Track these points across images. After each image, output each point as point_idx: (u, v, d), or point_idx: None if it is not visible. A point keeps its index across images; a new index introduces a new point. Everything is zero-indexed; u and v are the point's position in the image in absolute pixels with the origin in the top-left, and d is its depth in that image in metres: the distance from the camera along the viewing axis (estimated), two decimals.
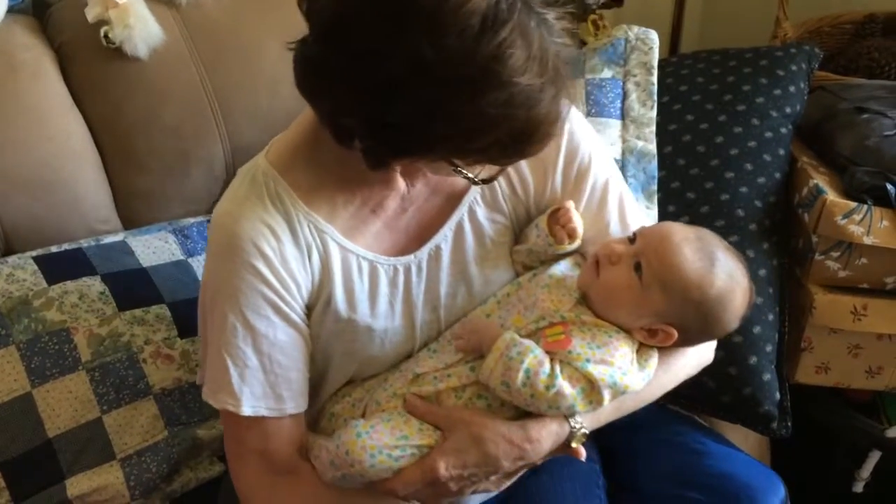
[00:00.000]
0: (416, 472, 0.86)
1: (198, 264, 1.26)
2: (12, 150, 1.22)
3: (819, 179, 1.37)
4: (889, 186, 1.30)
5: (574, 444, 0.89)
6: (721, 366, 1.28)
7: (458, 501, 0.99)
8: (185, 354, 1.16)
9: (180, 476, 1.14)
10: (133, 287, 1.18)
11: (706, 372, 1.27)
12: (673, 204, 1.40)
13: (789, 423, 1.30)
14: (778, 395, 1.29)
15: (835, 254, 1.33)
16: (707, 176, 1.42)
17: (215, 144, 1.36)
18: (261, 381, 0.89)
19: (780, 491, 1.08)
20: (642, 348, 0.92)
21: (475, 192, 0.96)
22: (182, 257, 1.25)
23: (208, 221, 1.33)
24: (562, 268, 0.95)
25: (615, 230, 0.99)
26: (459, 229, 0.95)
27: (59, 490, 1.07)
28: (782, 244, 1.40)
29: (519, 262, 0.98)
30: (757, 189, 1.39)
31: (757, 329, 1.30)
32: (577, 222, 0.94)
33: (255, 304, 0.87)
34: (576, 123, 0.97)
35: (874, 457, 1.53)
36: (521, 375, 0.84)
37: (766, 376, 1.29)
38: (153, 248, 1.24)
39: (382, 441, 0.86)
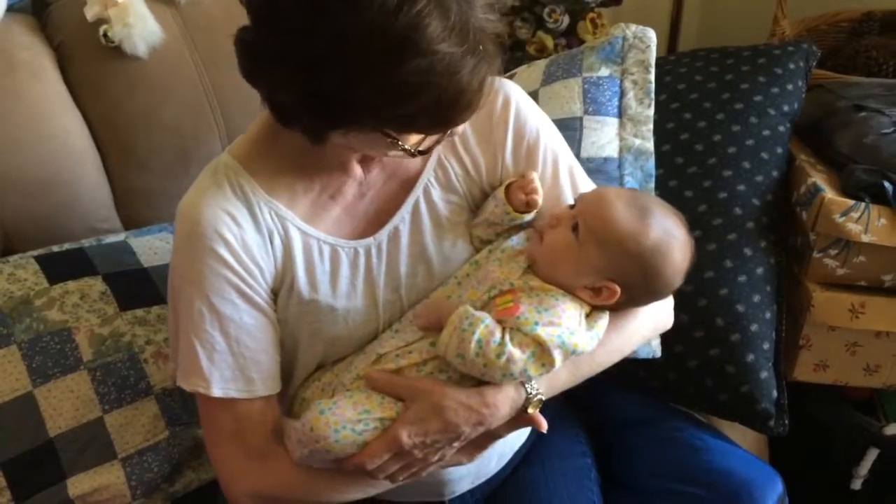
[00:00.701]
0: (380, 444, 0.87)
1: None
2: (12, 150, 1.22)
3: (817, 177, 1.37)
4: (887, 184, 1.30)
5: (531, 410, 0.90)
6: (719, 364, 1.28)
7: (444, 486, 1.01)
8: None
9: (182, 476, 1.14)
10: (134, 287, 1.18)
11: (704, 370, 1.29)
12: (670, 202, 1.40)
13: (787, 421, 1.31)
14: (775, 393, 1.30)
15: (833, 251, 1.33)
16: (705, 174, 1.42)
17: (215, 143, 1.37)
18: (229, 363, 0.91)
19: (778, 487, 1.09)
20: (592, 311, 0.93)
21: (429, 174, 0.99)
22: None
23: None
24: (513, 242, 0.97)
25: (568, 201, 1.01)
26: (416, 211, 0.98)
27: (60, 489, 1.07)
28: (780, 242, 1.40)
29: (477, 236, 1.00)
30: (755, 187, 1.39)
31: (755, 327, 1.30)
32: (540, 192, 0.97)
33: (220, 288, 0.90)
34: (521, 101, 1.00)
35: (872, 454, 1.53)
36: (473, 346, 0.86)
37: (764, 374, 1.29)
38: (154, 249, 1.24)
39: (345, 416, 0.87)
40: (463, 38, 0.77)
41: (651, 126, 1.43)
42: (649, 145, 1.42)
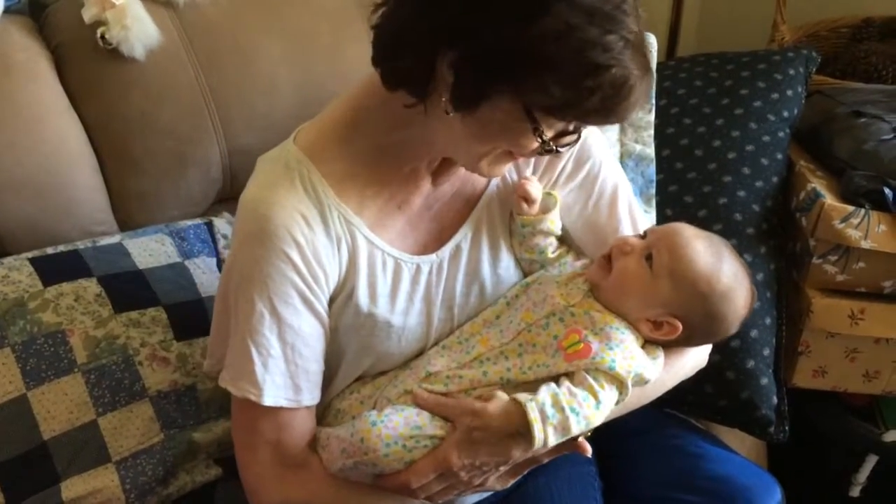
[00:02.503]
0: (428, 463, 0.87)
1: (195, 267, 1.25)
2: (8, 152, 1.21)
3: (817, 183, 1.37)
4: (886, 190, 1.30)
5: (579, 439, 0.90)
6: (718, 370, 1.28)
7: (451, 501, 0.99)
8: (182, 357, 1.15)
9: (176, 479, 1.13)
10: (129, 289, 1.17)
11: (704, 376, 1.28)
12: (670, 207, 1.41)
13: (786, 427, 1.30)
14: (775, 399, 1.30)
15: (832, 258, 1.33)
16: (705, 180, 1.42)
17: (212, 146, 1.36)
18: (282, 371, 0.89)
19: (776, 494, 1.08)
20: (647, 345, 0.93)
21: (492, 193, 0.98)
22: (178, 260, 1.25)
23: (206, 224, 1.33)
24: (570, 267, 0.98)
25: (627, 233, 1.01)
26: (477, 229, 0.98)
27: (53, 493, 1.06)
28: (780, 248, 1.40)
29: (520, 257, 1.00)
30: (755, 193, 1.39)
31: (754, 333, 1.30)
32: (532, 189, 0.96)
33: (285, 292, 0.87)
34: (590, 130, 0.99)
35: (871, 461, 1.53)
36: (573, 420, 0.85)
37: (764, 380, 1.29)
38: (149, 251, 1.23)
39: (397, 431, 0.86)
40: (638, 38, 0.78)
41: (652, 131, 1.44)
42: (650, 151, 1.42)
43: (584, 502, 1.09)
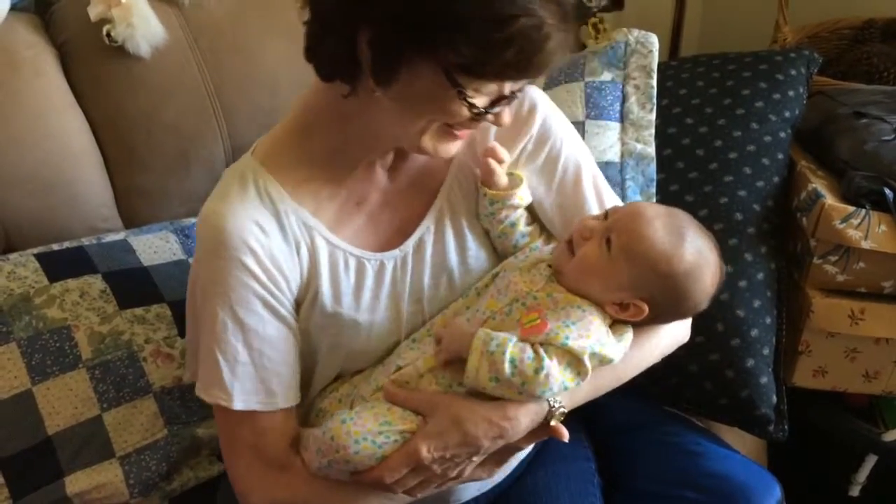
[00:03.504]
0: (399, 458, 0.87)
1: None
2: (14, 148, 1.22)
3: (818, 184, 1.37)
4: (887, 191, 1.30)
5: (553, 423, 0.89)
6: (718, 368, 1.28)
7: (450, 493, 1.00)
8: (186, 353, 1.16)
9: (180, 475, 1.14)
10: (134, 286, 1.18)
11: (704, 375, 1.29)
12: (671, 206, 1.40)
13: (786, 427, 1.30)
14: (775, 399, 1.30)
15: (833, 258, 1.33)
16: (706, 179, 1.42)
17: (216, 143, 1.37)
18: (251, 375, 0.90)
19: (776, 492, 1.08)
20: (616, 324, 0.93)
21: (452, 182, 0.98)
22: (183, 257, 1.26)
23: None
24: (535, 252, 0.97)
25: (592, 213, 1.00)
26: (440, 220, 0.97)
27: (58, 487, 1.07)
28: (780, 248, 1.40)
29: (493, 235, 0.99)
30: (756, 193, 1.40)
31: (755, 332, 1.30)
32: (499, 149, 0.95)
33: (245, 299, 0.88)
34: (548, 109, 1.00)
35: (870, 461, 1.53)
36: (507, 366, 0.84)
37: (764, 379, 1.29)
38: (154, 248, 1.24)
39: (366, 427, 0.86)
40: None
41: (653, 131, 1.44)
42: (651, 150, 1.42)
43: (582, 498, 1.09)
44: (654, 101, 1.45)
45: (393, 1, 0.77)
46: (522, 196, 0.98)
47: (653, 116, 1.44)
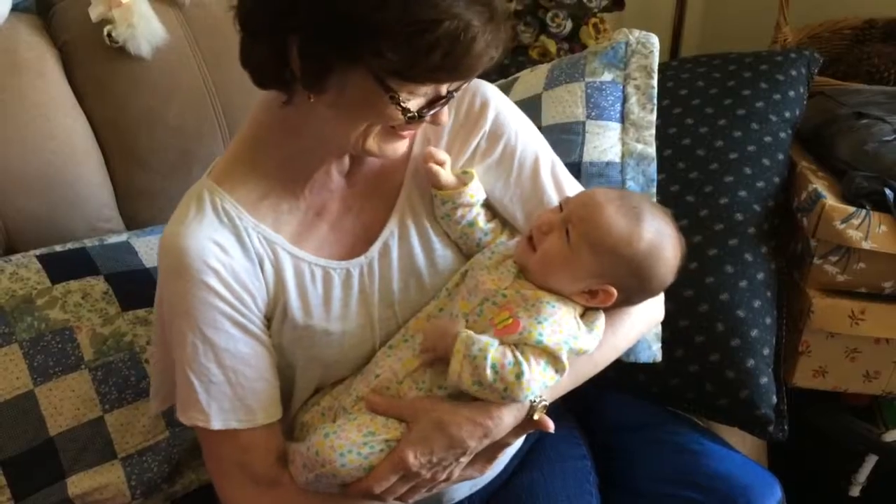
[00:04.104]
0: (386, 467, 0.86)
1: None
2: (15, 149, 1.22)
3: (818, 184, 1.37)
4: (888, 191, 1.30)
5: (536, 416, 0.89)
6: (719, 369, 1.28)
7: (442, 493, 1.00)
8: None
9: (182, 477, 1.14)
10: (136, 287, 1.18)
11: (704, 375, 1.29)
12: (671, 207, 1.40)
13: (786, 427, 1.31)
14: (775, 399, 1.30)
15: (833, 258, 1.33)
16: (706, 180, 1.42)
17: (217, 144, 1.37)
18: (227, 394, 0.90)
19: (776, 492, 1.08)
20: (588, 312, 0.93)
21: (410, 184, 0.98)
22: None
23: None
24: (501, 248, 0.97)
25: (553, 203, 1.00)
26: (402, 223, 0.97)
27: (59, 488, 1.07)
28: (781, 248, 1.41)
29: (454, 237, 0.99)
30: (756, 193, 1.40)
31: (755, 332, 1.31)
32: (438, 152, 0.95)
33: (212, 319, 0.88)
34: (500, 103, 1.00)
35: (871, 461, 1.54)
36: (489, 373, 0.84)
37: (764, 380, 1.29)
38: (156, 249, 1.24)
39: (350, 439, 0.86)
40: None
41: (653, 131, 1.44)
42: (651, 150, 1.42)
43: (578, 496, 1.10)
44: (655, 101, 1.45)
45: (316, 10, 0.77)
46: (473, 193, 0.97)
47: (653, 117, 1.44)
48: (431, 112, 0.85)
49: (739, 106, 1.48)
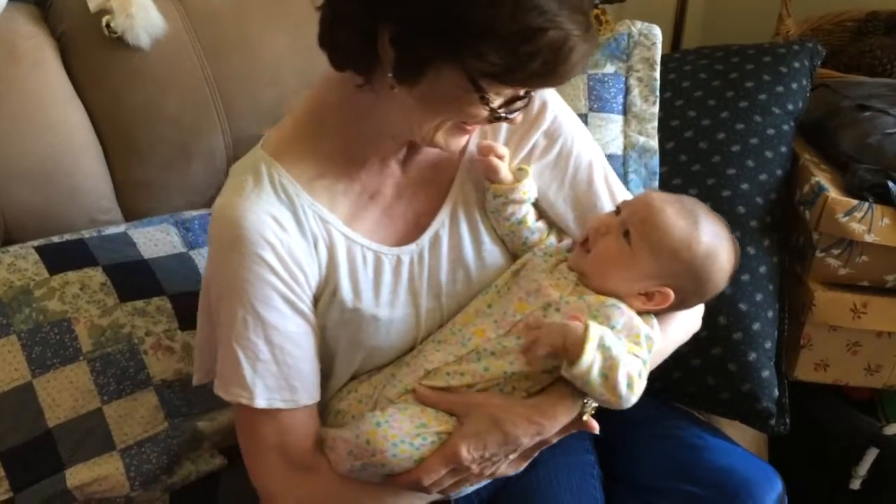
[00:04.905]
0: (438, 459, 0.87)
1: (199, 257, 1.26)
2: (13, 140, 1.21)
3: (821, 177, 1.37)
4: (890, 184, 1.30)
5: (585, 417, 0.91)
6: (720, 362, 1.28)
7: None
8: (186, 346, 1.16)
9: (181, 468, 1.13)
10: (134, 278, 1.17)
11: (706, 369, 1.28)
12: None
13: (788, 420, 1.30)
14: (777, 392, 1.30)
15: (835, 251, 1.33)
16: (708, 172, 1.42)
17: (217, 136, 1.36)
18: (273, 372, 0.89)
19: (777, 486, 1.08)
20: (642, 316, 0.93)
21: (464, 176, 0.98)
22: (183, 250, 1.25)
23: (210, 214, 1.33)
24: (553, 250, 0.97)
25: (606, 209, 1.01)
26: (454, 214, 0.97)
27: (58, 480, 1.07)
28: (783, 241, 1.40)
29: (501, 232, 0.99)
30: (758, 186, 1.39)
31: (757, 326, 1.30)
32: (496, 146, 0.95)
33: (265, 294, 0.87)
34: (559, 106, 1.00)
35: (871, 454, 1.53)
36: (621, 367, 0.84)
37: (766, 373, 1.29)
38: (155, 240, 1.24)
39: (403, 429, 0.86)
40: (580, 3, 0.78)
41: (656, 124, 1.43)
42: (654, 143, 1.42)
43: (582, 490, 1.10)
44: (658, 93, 1.45)
45: (423, 5, 0.76)
46: (526, 191, 0.97)
47: (656, 109, 1.44)
48: (514, 113, 0.85)
49: (742, 98, 1.48)
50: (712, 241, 0.92)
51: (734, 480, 1.07)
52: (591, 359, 0.84)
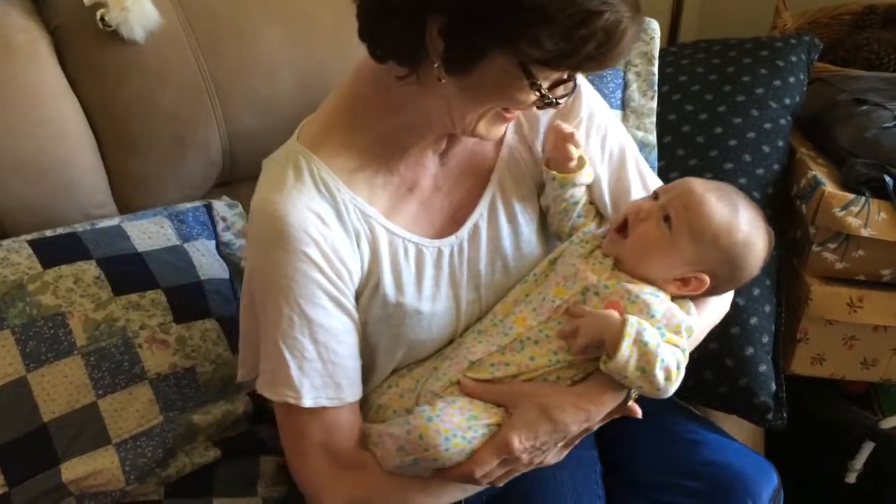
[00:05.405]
0: (490, 451, 0.87)
1: (194, 249, 1.25)
2: (7, 134, 1.21)
3: (817, 171, 1.37)
4: (887, 178, 1.30)
5: (630, 403, 0.91)
6: (718, 357, 1.28)
7: None
8: (181, 340, 1.15)
9: (175, 461, 1.13)
10: (128, 272, 1.17)
11: (703, 363, 1.28)
12: None
13: (785, 414, 1.31)
14: (774, 386, 1.30)
15: (832, 245, 1.33)
16: (706, 167, 1.42)
17: (212, 129, 1.36)
18: (319, 371, 0.88)
19: (773, 480, 1.08)
20: (676, 300, 0.94)
21: (502, 167, 0.98)
22: (178, 242, 1.25)
23: (205, 207, 1.33)
24: (589, 237, 0.97)
25: (637, 194, 1.01)
26: (493, 205, 0.97)
27: (53, 474, 1.06)
28: (780, 235, 1.40)
29: (553, 212, 0.99)
30: (755, 180, 1.39)
31: (754, 320, 1.30)
32: (575, 139, 0.95)
33: (310, 292, 0.86)
34: (591, 92, 1.00)
35: (867, 448, 1.54)
36: (658, 362, 0.85)
37: (763, 367, 1.29)
38: (149, 233, 1.23)
39: (454, 423, 0.86)
40: None
41: (654, 118, 1.43)
42: (652, 137, 1.42)
43: (585, 485, 1.10)
44: (656, 88, 1.45)
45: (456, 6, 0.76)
46: (590, 173, 0.98)
47: (654, 104, 1.44)
48: (563, 98, 0.85)
49: (739, 92, 1.47)
50: (751, 229, 0.92)
51: (730, 475, 1.07)
52: (627, 355, 0.85)
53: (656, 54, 1.47)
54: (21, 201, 1.24)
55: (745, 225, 0.92)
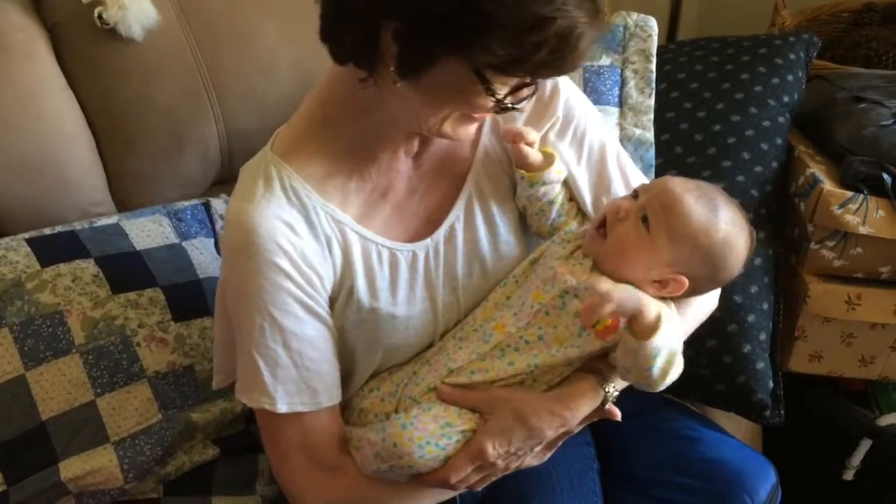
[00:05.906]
0: (464, 458, 0.87)
1: (192, 247, 1.25)
2: (4, 131, 1.21)
3: (816, 169, 1.37)
4: (885, 176, 1.30)
5: (607, 406, 0.91)
6: (715, 354, 1.28)
7: None
8: (179, 338, 1.15)
9: (174, 459, 1.13)
10: (127, 270, 1.17)
11: (701, 360, 1.28)
12: None
13: (782, 412, 1.31)
14: (771, 384, 1.30)
15: (830, 243, 1.33)
16: (704, 164, 1.41)
17: (210, 127, 1.36)
18: (293, 377, 0.89)
19: (771, 477, 1.09)
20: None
21: (478, 168, 0.97)
22: (176, 241, 1.25)
23: (203, 204, 1.33)
24: (570, 237, 0.96)
25: (618, 191, 1.00)
26: (469, 207, 0.96)
27: (52, 473, 1.07)
28: (778, 233, 1.40)
29: (529, 212, 0.98)
30: (754, 178, 1.39)
31: (751, 318, 1.30)
32: (526, 131, 0.94)
33: (281, 301, 0.87)
34: (570, 89, 0.99)
35: (865, 445, 1.54)
36: (666, 350, 0.84)
37: (760, 365, 1.29)
38: (147, 232, 1.23)
39: (428, 430, 0.86)
40: None
41: (651, 116, 1.43)
42: (650, 135, 1.42)
43: (582, 482, 1.10)
44: (654, 85, 1.45)
45: (428, 1, 0.75)
46: (560, 170, 0.97)
47: (652, 101, 1.44)
48: (521, 102, 0.84)
49: (738, 90, 1.47)
50: (730, 228, 0.91)
51: (728, 472, 1.07)
52: (660, 343, 0.83)
53: (654, 52, 1.47)
54: (18, 199, 1.24)
55: (724, 224, 0.90)
